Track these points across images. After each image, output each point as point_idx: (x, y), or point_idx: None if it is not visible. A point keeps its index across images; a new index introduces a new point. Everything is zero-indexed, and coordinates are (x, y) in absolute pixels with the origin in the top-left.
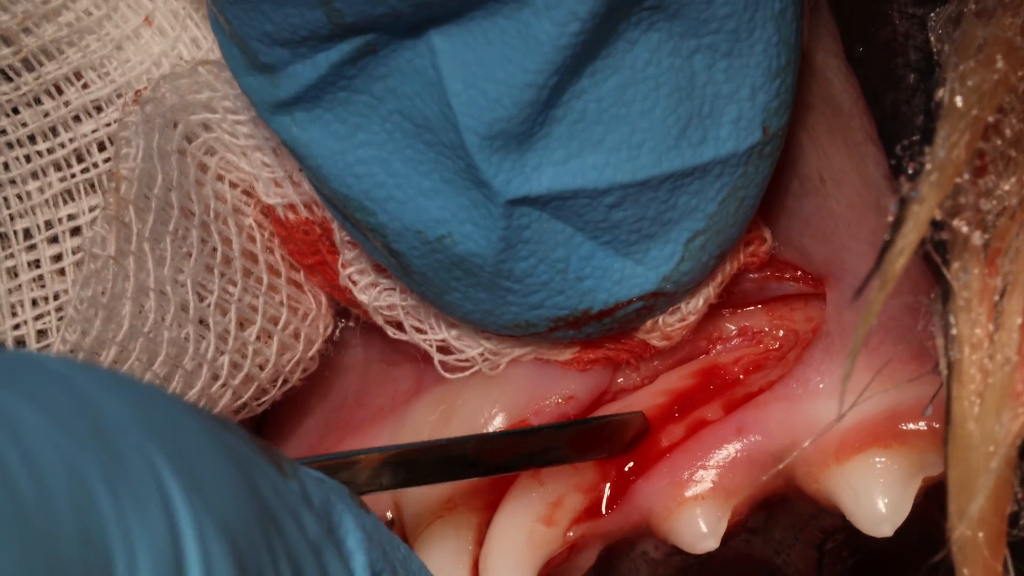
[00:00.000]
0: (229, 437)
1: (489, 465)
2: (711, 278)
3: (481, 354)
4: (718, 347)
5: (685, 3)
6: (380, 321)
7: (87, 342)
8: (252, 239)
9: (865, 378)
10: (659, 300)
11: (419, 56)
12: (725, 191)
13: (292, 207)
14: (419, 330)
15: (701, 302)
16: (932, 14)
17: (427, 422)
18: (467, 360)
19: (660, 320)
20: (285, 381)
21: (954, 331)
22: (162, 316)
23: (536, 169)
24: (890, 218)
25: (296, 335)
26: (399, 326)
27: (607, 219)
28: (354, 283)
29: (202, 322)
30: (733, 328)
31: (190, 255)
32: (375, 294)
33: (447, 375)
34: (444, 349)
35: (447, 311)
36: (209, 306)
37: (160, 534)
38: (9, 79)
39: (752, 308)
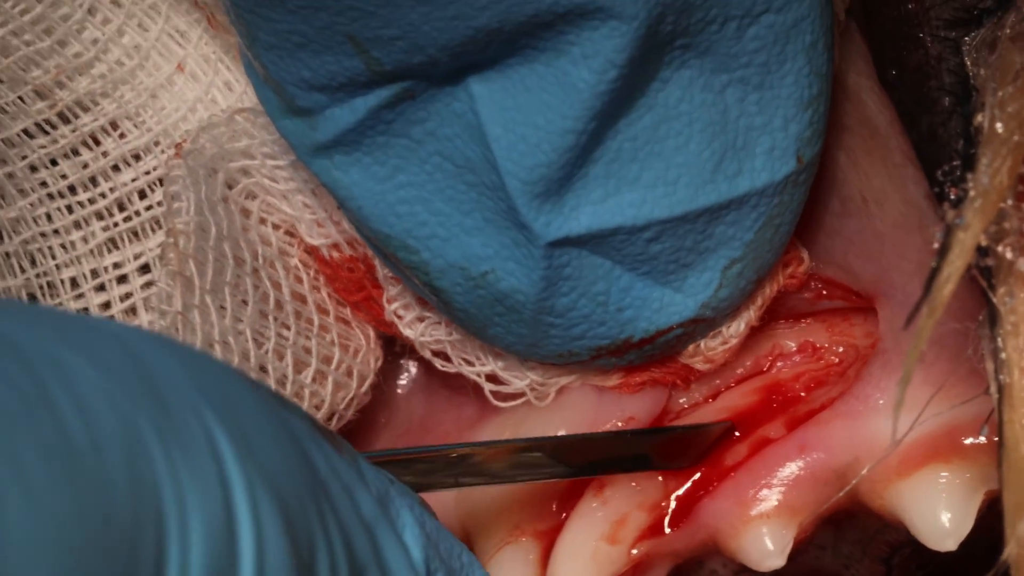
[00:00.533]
0: (280, 409)
1: (571, 467)
2: (751, 301)
3: (529, 385)
4: (779, 364)
5: (715, 40)
6: (427, 354)
7: None
8: (299, 280)
9: (922, 393)
10: (699, 326)
11: (458, 101)
12: (761, 220)
13: (336, 246)
14: (467, 362)
15: (743, 325)
16: (966, 38)
17: None
18: (517, 391)
19: (702, 344)
20: (340, 417)
21: (1003, 355)
22: None
23: (575, 209)
24: (936, 245)
25: (349, 373)
26: (447, 358)
27: (645, 252)
28: (399, 318)
29: (262, 369)
30: (793, 345)
31: (245, 303)
32: (421, 329)
33: (500, 404)
34: (493, 378)
35: (490, 344)
36: (267, 352)
37: (211, 485)
38: (46, 132)
39: (811, 323)
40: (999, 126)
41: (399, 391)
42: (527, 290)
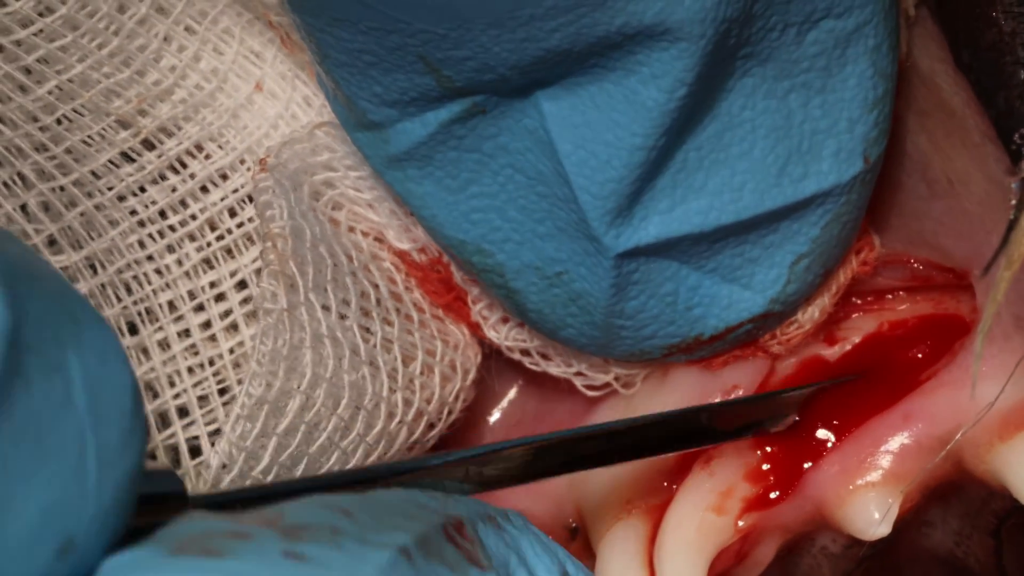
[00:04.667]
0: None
1: (719, 433)
2: (826, 288)
3: (614, 376)
4: None
5: (776, 46)
6: (516, 355)
7: (272, 394)
8: (393, 282)
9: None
10: (769, 320)
11: (528, 117)
12: (828, 216)
13: (423, 249)
14: (552, 361)
15: (817, 312)
16: None
17: None
18: (605, 384)
19: (777, 331)
20: (450, 412)
21: None
22: (339, 361)
23: (643, 220)
24: (1013, 200)
25: (453, 366)
26: (533, 358)
27: (711, 250)
28: (484, 319)
29: (372, 363)
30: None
31: (347, 302)
32: (505, 331)
33: (590, 394)
34: (580, 374)
35: (564, 345)
36: (375, 347)
37: None
38: (132, 160)
39: (920, 300)
40: None
41: (509, 385)
42: (597, 295)
